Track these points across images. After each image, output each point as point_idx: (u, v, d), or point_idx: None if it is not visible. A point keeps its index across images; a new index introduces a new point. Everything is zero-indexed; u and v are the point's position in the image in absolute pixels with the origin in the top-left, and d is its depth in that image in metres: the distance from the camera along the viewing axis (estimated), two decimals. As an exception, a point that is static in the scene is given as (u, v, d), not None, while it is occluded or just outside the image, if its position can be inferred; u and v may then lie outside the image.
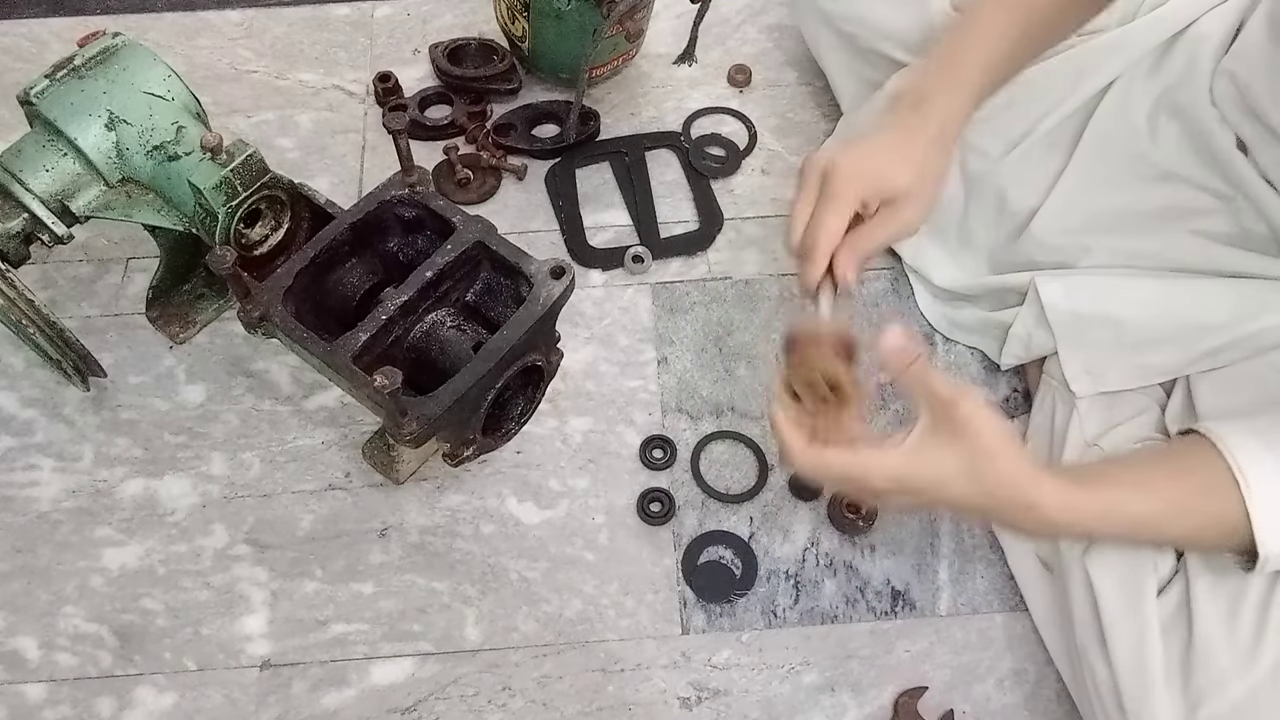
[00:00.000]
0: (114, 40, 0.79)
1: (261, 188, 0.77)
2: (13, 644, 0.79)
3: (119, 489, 0.86)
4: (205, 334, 0.94)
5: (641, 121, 1.10)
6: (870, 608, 0.82)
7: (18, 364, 0.92)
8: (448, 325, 0.74)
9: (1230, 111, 0.78)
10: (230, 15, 1.17)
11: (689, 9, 1.03)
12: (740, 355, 0.94)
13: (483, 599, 0.82)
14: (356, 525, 0.85)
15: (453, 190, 1.02)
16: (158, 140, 0.76)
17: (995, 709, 0.78)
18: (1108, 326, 0.79)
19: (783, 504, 0.86)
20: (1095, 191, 0.83)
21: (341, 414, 0.90)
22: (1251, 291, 0.75)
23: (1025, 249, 0.86)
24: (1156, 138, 0.82)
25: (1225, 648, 0.63)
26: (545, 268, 0.72)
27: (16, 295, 0.76)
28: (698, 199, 1.04)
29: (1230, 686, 0.62)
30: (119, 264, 0.98)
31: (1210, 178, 0.80)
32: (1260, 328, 0.74)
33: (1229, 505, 0.58)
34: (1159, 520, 0.60)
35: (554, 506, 0.86)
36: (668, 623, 0.81)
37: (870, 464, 0.59)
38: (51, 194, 0.76)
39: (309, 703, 0.77)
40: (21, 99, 0.76)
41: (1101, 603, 0.69)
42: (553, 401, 0.90)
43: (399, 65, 1.12)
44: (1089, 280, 0.81)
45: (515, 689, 0.78)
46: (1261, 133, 0.76)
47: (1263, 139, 0.76)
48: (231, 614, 0.81)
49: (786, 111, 1.11)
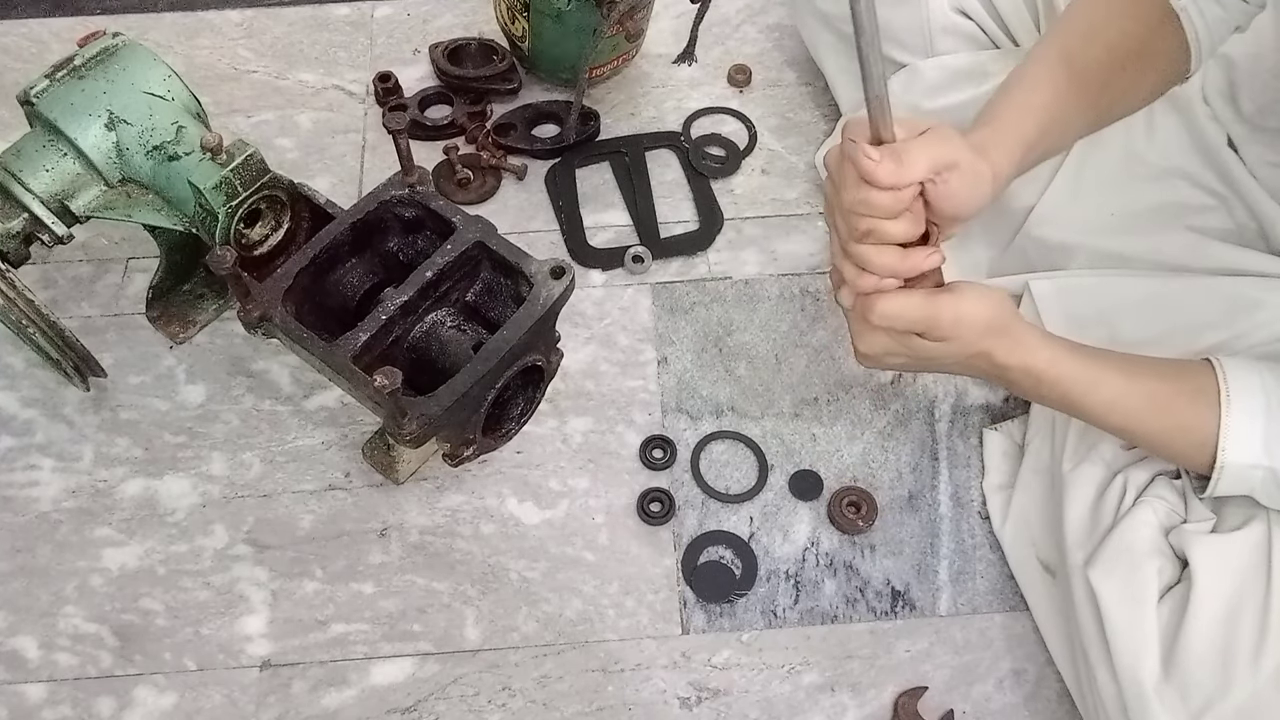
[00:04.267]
0: (114, 40, 0.79)
1: (261, 188, 0.77)
2: (13, 644, 0.79)
3: (119, 489, 0.86)
4: (205, 334, 0.94)
5: (641, 121, 1.10)
6: (870, 608, 0.82)
7: (18, 364, 0.92)
8: (448, 325, 0.74)
9: (1220, 108, 0.79)
10: (230, 15, 1.17)
11: (689, 9, 1.03)
12: (740, 355, 0.94)
13: (483, 599, 0.82)
14: (356, 525, 0.85)
15: (453, 190, 1.02)
16: (158, 140, 0.76)
17: (995, 709, 0.78)
18: (1102, 328, 0.79)
19: (783, 504, 0.86)
20: (1090, 190, 0.83)
21: (341, 414, 0.90)
22: (1245, 288, 0.76)
23: (1021, 247, 0.86)
24: (1154, 133, 0.82)
25: (1228, 653, 0.63)
26: (545, 268, 0.72)
27: (16, 295, 0.76)
28: (698, 199, 1.04)
29: (1233, 692, 0.62)
30: (119, 264, 0.98)
31: (1205, 173, 0.80)
32: (1254, 324, 0.74)
33: (1206, 416, 0.64)
34: (1137, 409, 0.66)
35: (554, 506, 0.86)
36: (668, 623, 0.81)
37: (898, 297, 0.65)
38: (51, 194, 0.76)
39: (309, 703, 0.77)
40: (21, 99, 0.76)
41: (1104, 609, 0.69)
42: (553, 401, 0.90)
43: (399, 65, 1.12)
44: (1082, 281, 0.81)
45: (515, 689, 0.78)
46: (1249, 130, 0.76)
47: (1250, 135, 0.76)
48: (231, 614, 0.81)
49: (786, 111, 1.11)
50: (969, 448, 0.89)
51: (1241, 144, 0.78)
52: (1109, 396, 0.66)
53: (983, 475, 0.87)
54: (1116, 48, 0.71)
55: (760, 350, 0.94)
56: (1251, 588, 0.64)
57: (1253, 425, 0.63)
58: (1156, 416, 0.66)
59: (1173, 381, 0.66)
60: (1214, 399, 0.63)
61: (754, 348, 0.95)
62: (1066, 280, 0.82)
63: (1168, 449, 0.68)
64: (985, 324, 0.65)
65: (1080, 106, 0.71)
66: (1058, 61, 0.71)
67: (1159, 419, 0.66)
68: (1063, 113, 0.71)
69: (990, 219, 0.89)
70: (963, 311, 0.65)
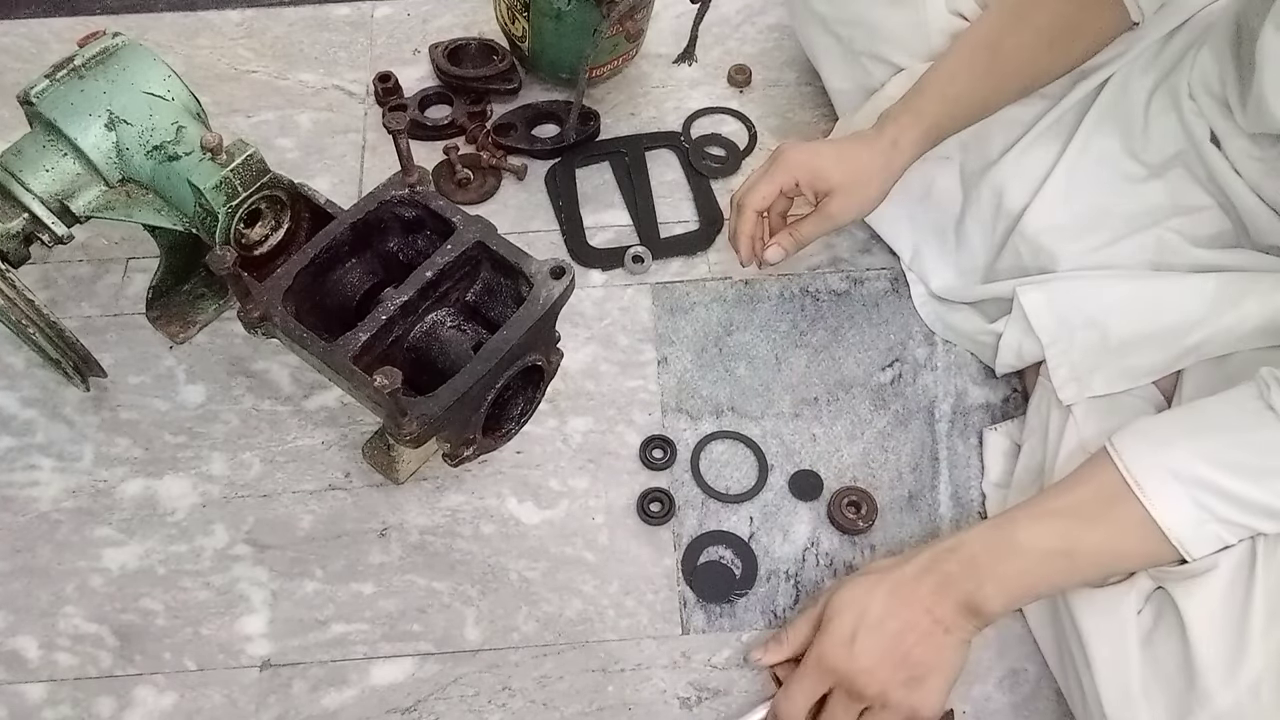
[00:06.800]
0: (114, 40, 0.79)
1: (261, 188, 0.77)
2: (13, 644, 0.79)
3: (119, 489, 0.86)
4: (205, 334, 0.94)
5: (641, 121, 1.10)
6: (870, 608, 0.82)
7: (18, 364, 0.92)
8: (448, 325, 0.74)
9: (1205, 103, 0.79)
10: (230, 15, 1.17)
11: (689, 9, 1.03)
12: (740, 355, 0.94)
13: (483, 599, 0.82)
14: (356, 525, 0.85)
15: (453, 190, 1.02)
16: (158, 140, 0.76)
17: (995, 709, 0.78)
18: (1092, 330, 0.79)
19: (783, 504, 0.86)
20: (1083, 190, 0.83)
21: (341, 414, 0.90)
22: (1229, 285, 0.76)
23: (1015, 246, 0.86)
24: (1150, 129, 0.82)
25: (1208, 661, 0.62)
26: (545, 268, 0.72)
27: (16, 295, 0.76)
28: (698, 199, 1.04)
29: (1214, 700, 0.62)
30: (119, 264, 0.98)
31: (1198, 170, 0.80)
32: (1239, 316, 0.74)
33: (1135, 511, 0.64)
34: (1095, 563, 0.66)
35: (554, 506, 0.86)
36: (668, 623, 0.81)
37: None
38: (51, 194, 0.76)
39: (309, 703, 0.77)
40: (21, 99, 0.76)
41: (1078, 618, 0.69)
42: (553, 401, 0.90)
43: (399, 65, 1.12)
44: (1070, 286, 0.82)
45: (515, 689, 0.78)
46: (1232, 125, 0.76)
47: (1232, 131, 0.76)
48: (231, 614, 0.81)
49: (786, 111, 1.11)
50: (969, 448, 0.89)
51: (1225, 138, 0.78)
52: (1074, 578, 0.68)
53: (982, 475, 0.87)
54: (1044, 29, 0.78)
55: (760, 350, 0.94)
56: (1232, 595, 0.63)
57: (1174, 498, 0.63)
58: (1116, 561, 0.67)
59: (1094, 523, 0.66)
60: (1134, 506, 0.63)
61: (754, 348, 0.95)
62: (1054, 285, 0.82)
63: (1141, 565, 0.68)
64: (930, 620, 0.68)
65: (1000, 89, 0.81)
66: (981, 48, 0.80)
67: (1118, 561, 0.67)
68: (979, 100, 0.82)
69: (990, 219, 0.89)
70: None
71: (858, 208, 0.83)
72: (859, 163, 0.82)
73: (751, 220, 0.85)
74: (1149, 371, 0.79)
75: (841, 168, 0.82)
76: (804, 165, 0.83)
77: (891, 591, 0.68)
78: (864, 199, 0.83)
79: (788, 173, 0.83)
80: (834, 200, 0.82)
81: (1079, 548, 0.65)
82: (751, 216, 0.85)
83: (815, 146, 0.84)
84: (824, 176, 0.82)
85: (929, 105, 0.81)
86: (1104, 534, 0.65)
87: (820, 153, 0.83)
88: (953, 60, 0.82)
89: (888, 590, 0.68)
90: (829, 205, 0.83)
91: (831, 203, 0.82)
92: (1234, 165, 0.77)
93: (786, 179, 0.83)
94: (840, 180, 0.82)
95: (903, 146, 0.81)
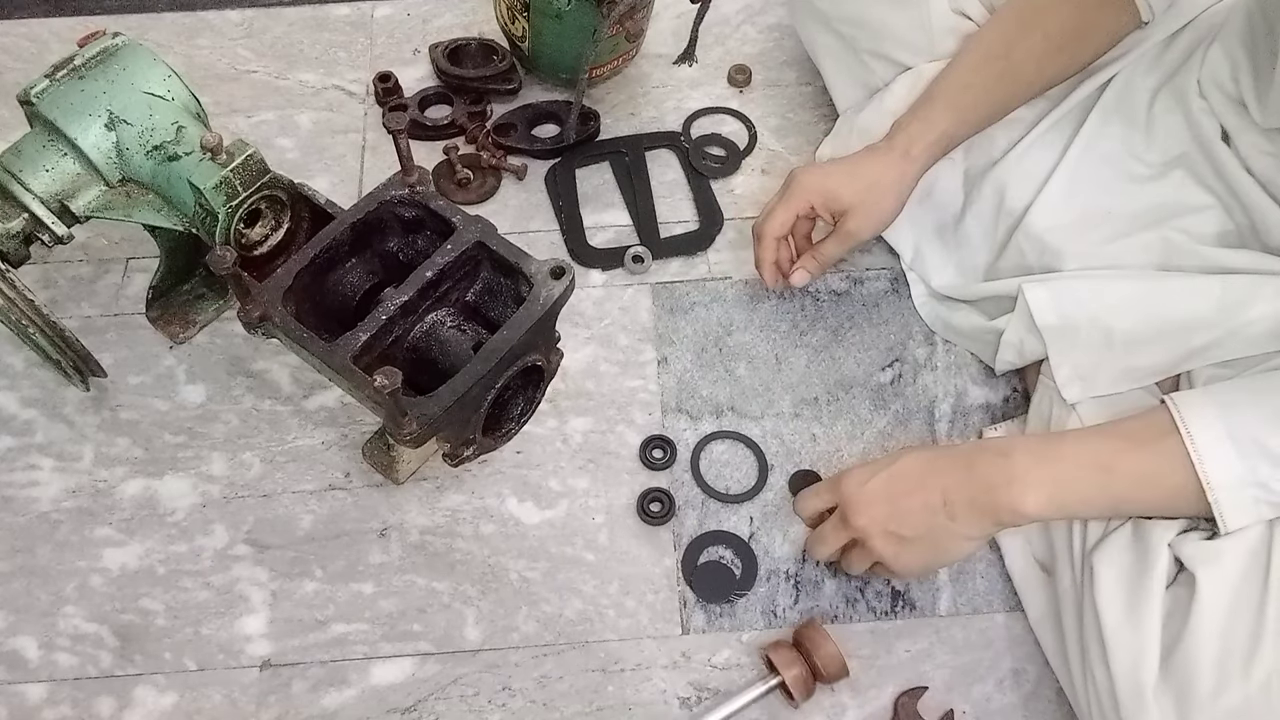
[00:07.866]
0: (114, 40, 0.79)
1: (261, 188, 0.77)
2: (13, 644, 0.79)
3: (119, 489, 0.86)
4: (205, 334, 0.94)
5: (641, 121, 1.10)
6: (870, 608, 0.82)
7: (18, 364, 0.92)
8: (448, 325, 0.74)
9: (1216, 100, 0.78)
10: (230, 15, 1.17)
11: (689, 9, 1.03)
12: (740, 355, 0.94)
13: (483, 599, 0.82)
14: (356, 525, 0.85)
15: (453, 190, 1.02)
16: (158, 140, 0.76)
17: (995, 709, 0.78)
18: (1096, 330, 0.79)
19: (783, 504, 0.86)
20: (1086, 189, 0.83)
21: (341, 414, 0.90)
22: (1236, 286, 0.75)
23: (1019, 244, 0.86)
24: (1154, 129, 0.82)
25: (1221, 655, 0.62)
26: (545, 268, 0.72)
27: (16, 295, 0.76)
28: (698, 199, 1.04)
29: (1225, 695, 0.61)
30: (119, 264, 0.98)
31: (1204, 169, 0.80)
32: (1247, 319, 0.73)
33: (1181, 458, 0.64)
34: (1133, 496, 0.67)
35: (554, 506, 0.86)
36: (668, 623, 0.81)
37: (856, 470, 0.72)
38: (51, 194, 0.76)
39: (309, 703, 0.77)
40: (21, 99, 0.76)
41: (1102, 607, 0.69)
42: (553, 401, 0.90)
43: (399, 65, 1.12)
44: (1075, 284, 0.81)
45: (515, 689, 0.78)
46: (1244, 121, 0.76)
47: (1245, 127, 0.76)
48: (231, 614, 0.81)
49: (786, 111, 1.11)
50: (969, 448, 0.89)
51: (1236, 134, 0.78)
52: (1103, 499, 0.68)
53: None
54: (1054, 34, 0.79)
55: (760, 350, 0.94)
56: (1247, 592, 0.63)
57: (1221, 447, 0.63)
58: (1150, 490, 0.67)
59: (1139, 447, 0.66)
60: (1179, 441, 0.64)
61: (754, 348, 0.95)
62: (1059, 283, 0.82)
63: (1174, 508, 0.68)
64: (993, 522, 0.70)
65: (1011, 95, 0.83)
66: (992, 55, 0.81)
67: (1153, 491, 0.67)
68: (991, 107, 0.83)
69: (991, 219, 0.89)
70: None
71: (876, 223, 0.85)
72: (871, 178, 0.83)
73: (772, 248, 0.88)
74: (1152, 372, 0.78)
75: (854, 186, 0.83)
76: (816, 189, 0.84)
77: (926, 463, 0.71)
78: (880, 213, 0.84)
79: (801, 197, 0.85)
80: (851, 219, 0.84)
81: (1118, 465, 0.66)
82: (771, 244, 0.87)
83: (826, 168, 0.85)
84: (837, 197, 0.84)
85: (940, 114, 0.82)
86: (1145, 460, 0.66)
87: (831, 173, 0.85)
88: (963, 68, 0.82)
89: (924, 461, 0.71)
90: (847, 224, 0.84)
91: (849, 221, 0.84)
92: (1245, 163, 0.77)
93: (801, 204, 0.85)
94: (854, 198, 0.83)
95: (915, 155, 0.82)
